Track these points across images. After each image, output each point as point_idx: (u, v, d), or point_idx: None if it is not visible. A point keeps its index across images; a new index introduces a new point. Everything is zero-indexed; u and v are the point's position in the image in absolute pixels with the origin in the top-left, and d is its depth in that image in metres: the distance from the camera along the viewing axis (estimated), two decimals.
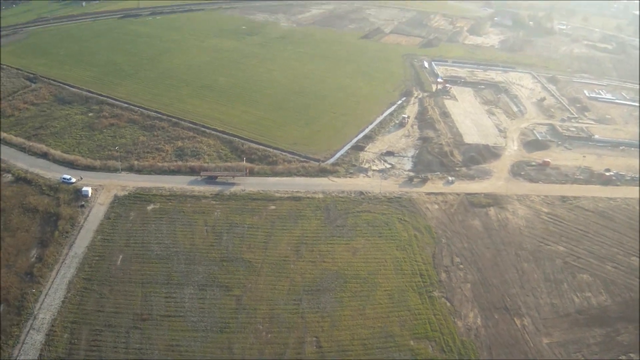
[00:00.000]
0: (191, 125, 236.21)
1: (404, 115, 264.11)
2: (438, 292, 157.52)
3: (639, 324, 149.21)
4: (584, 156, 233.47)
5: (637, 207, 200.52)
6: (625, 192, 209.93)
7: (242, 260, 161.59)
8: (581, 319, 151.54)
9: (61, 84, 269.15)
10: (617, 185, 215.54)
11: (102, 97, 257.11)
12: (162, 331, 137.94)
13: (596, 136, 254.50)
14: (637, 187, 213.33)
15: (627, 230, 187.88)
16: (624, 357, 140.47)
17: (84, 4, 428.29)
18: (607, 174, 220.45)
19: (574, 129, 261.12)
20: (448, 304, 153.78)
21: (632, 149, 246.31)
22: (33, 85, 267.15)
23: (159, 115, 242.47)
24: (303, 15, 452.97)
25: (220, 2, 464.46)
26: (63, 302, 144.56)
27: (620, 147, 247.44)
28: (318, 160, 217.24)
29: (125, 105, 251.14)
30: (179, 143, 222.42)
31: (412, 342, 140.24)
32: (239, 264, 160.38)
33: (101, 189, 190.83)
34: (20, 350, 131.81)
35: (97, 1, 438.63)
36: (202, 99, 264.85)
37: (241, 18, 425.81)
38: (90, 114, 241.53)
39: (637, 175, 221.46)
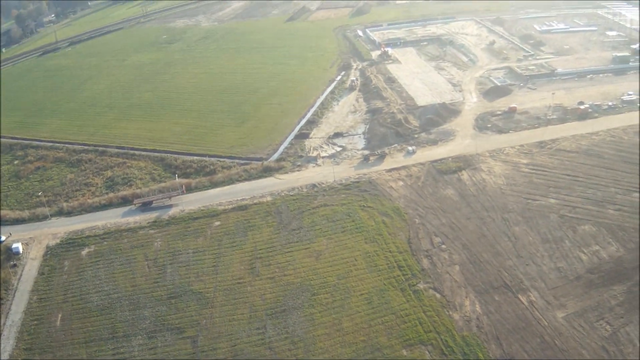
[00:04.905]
0: (119, 150, 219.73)
1: (352, 79, 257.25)
2: (423, 283, 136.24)
3: None
4: (553, 93, 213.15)
5: (624, 137, 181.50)
6: (606, 124, 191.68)
7: (191, 293, 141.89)
8: (595, 278, 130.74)
9: None
10: (596, 117, 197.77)
11: (26, 141, 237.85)
12: None
13: (559, 69, 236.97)
14: (618, 116, 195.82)
15: (619, 165, 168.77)
16: None
17: (3, 50, 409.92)
18: (582, 107, 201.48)
19: (533, 67, 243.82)
20: (437, 295, 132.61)
21: (601, 75, 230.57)
22: None
23: (85, 148, 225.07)
24: (223, 11, 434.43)
25: (138, 17, 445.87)
26: None
27: (588, 76, 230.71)
28: (260, 159, 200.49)
29: (50, 144, 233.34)
30: (109, 173, 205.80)
31: (404, 352, 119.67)
32: (189, 297, 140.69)
33: (32, 242, 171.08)
34: None
35: (16, 45, 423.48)
36: (129, 120, 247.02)
37: (161, 28, 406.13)
38: (16, 162, 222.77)
39: (615, 103, 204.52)
